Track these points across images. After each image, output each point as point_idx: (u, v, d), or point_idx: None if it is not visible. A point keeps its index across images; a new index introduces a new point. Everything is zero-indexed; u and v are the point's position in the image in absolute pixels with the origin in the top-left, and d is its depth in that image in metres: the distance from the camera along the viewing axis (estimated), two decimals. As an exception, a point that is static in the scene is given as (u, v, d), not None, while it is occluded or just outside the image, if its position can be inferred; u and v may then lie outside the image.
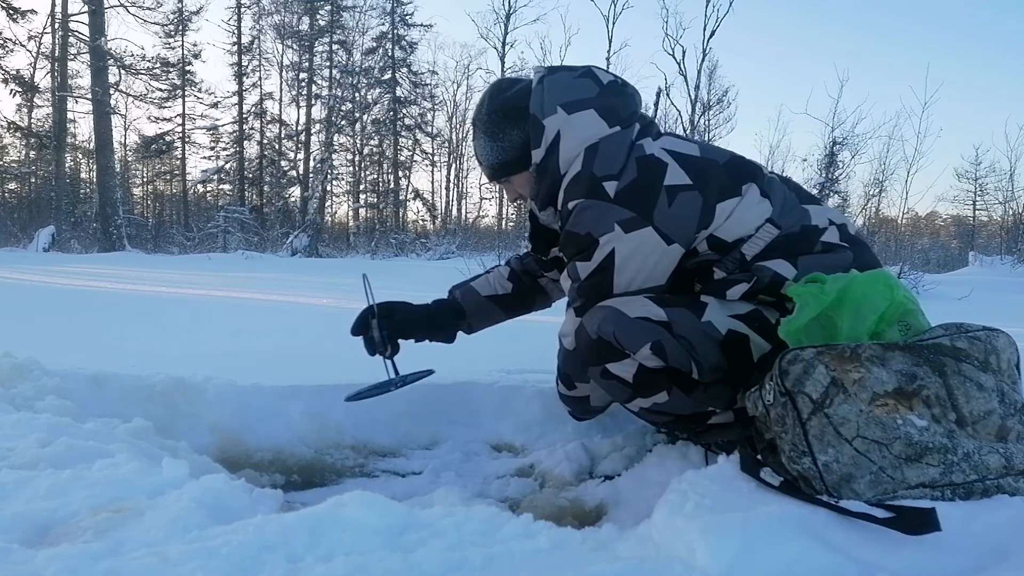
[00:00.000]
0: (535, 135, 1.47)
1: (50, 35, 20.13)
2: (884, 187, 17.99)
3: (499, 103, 1.52)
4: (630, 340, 1.35)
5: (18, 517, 0.99)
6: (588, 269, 1.40)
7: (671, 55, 15.07)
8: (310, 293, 5.95)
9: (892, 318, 1.19)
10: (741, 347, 1.34)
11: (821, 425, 1.07)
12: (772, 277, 1.35)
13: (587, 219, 1.37)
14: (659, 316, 1.34)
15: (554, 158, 1.45)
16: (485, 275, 1.85)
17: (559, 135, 1.44)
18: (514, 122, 1.50)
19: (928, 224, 34.47)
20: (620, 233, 1.35)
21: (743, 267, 1.38)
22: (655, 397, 1.41)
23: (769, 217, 1.38)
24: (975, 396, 1.09)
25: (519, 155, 1.51)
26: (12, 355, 1.80)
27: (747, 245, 1.37)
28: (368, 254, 17.24)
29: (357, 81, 23.74)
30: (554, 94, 1.46)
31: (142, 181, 30.27)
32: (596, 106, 1.45)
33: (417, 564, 0.88)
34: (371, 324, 1.69)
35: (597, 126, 1.43)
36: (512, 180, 1.58)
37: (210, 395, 1.92)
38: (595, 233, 1.37)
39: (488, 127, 1.53)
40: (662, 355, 1.34)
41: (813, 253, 1.38)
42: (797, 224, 1.40)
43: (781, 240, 1.37)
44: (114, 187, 17.73)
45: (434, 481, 1.70)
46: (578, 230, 1.39)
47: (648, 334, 1.34)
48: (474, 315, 1.81)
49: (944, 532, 0.94)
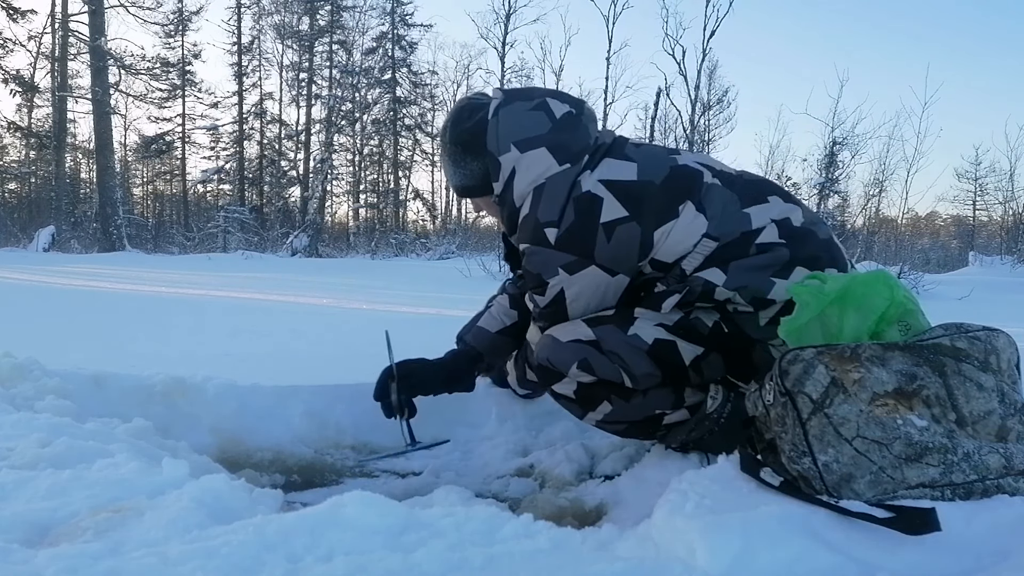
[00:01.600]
0: (493, 170, 1.55)
1: (50, 35, 20.16)
2: (884, 187, 18.00)
3: (458, 135, 1.59)
4: (561, 362, 1.48)
5: (18, 517, 0.99)
6: (543, 302, 1.52)
7: (671, 55, 15.06)
8: (310, 293, 5.95)
9: (892, 318, 1.19)
10: (669, 352, 1.45)
11: (821, 425, 1.06)
12: (703, 286, 1.43)
13: (535, 263, 1.49)
14: (588, 336, 1.46)
15: (510, 192, 1.53)
16: (487, 311, 1.86)
17: (514, 171, 1.52)
18: (473, 154, 1.58)
19: (928, 224, 34.51)
20: (565, 276, 1.47)
21: (682, 280, 1.45)
22: (600, 408, 1.51)
23: (705, 232, 1.43)
24: (975, 396, 1.09)
25: (481, 183, 1.60)
26: (12, 355, 1.80)
27: (686, 261, 1.44)
28: (368, 254, 17.24)
29: (357, 81, 23.73)
30: (507, 130, 1.52)
31: (142, 181, 30.29)
32: (547, 143, 1.50)
33: (417, 564, 0.88)
34: (390, 388, 1.74)
35: (546, 163, 1.50)
36: (478, 200, 1.68)
37: (210, 395, 1.92)
38: (544, 276, 1.48)
39: (452, 154, 1.62)
40: (589, 370, 1.46)
41: (746, 257, 1.42)
42: (736, 231, 1.43)
43: (718, 251, 1.43)
44: (114, 187, 17.73)
45: (434, 481, 1.70)
46: (530, 269, 1.51)
47: (575, 354, 1.46)
48: (490, 353, 1.84)
49: (944, 532, 0.94)
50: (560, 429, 1.96)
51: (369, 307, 4.88)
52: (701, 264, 1.43)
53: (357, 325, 3.85)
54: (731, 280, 1.41)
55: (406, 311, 4.63)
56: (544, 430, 2.00)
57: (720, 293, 1.41)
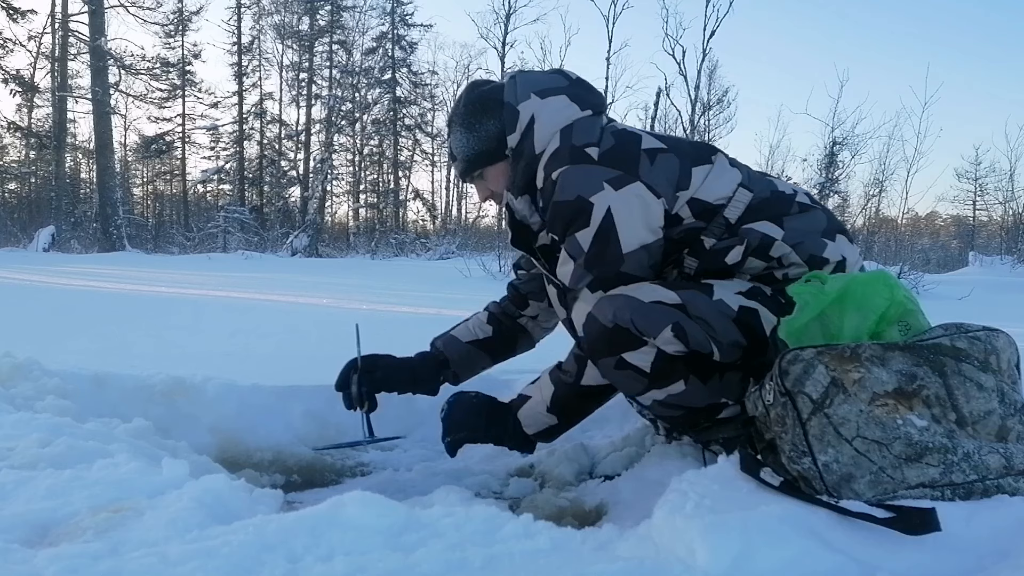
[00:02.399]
0: (510, 121, 1.52)
1: (50, 35, 20.15)
2: (884, 187, 18.02)
3: (475, 96, 1.58)
4: (649, 325, 1.33)
5: (18, 517, 0.99)
6: (589, 236, 1.38)
7: (671, 55, 15.12)
8: (310, 293, 5.95)
9: (892, 318, 1.19)
10: (753, 321, 1.34)
11: (821, 425, 1.06)
12: (761, 239, 1.38)
13: (574, 183, 1.38)
14: (672, 299, 1.33)
15: (529, 139, 1.49)
16: (465, 322, 1.85)
17: (533, 118, 1.49)
18: (489, 113, 1.55)
19: (928, 224, 34.50)
20: (611, 191, 1.36)
21: (730, 232, 1.41)
22: (671, 388, 1.39)
23: (741, 182, 1.43)
24: (975, 396, 1.09)
25: (494, 146, 1.55)
26: (12, 355, 1.80)
27: (728, 209, 1.41)
28: (368, 254, 17.24)
29: (357, 81, 23.74)
30: (526, 84, 1.53)
31: (142, 181, 30.27)
32: (568, 93, 1.51)
33: (417, 564, 0.88)
34: (352, 379, 1.72)
35: (569, 109, 1.49)
36: (486, 173, 1.60)
37: (210, 395, 1.92)
38: (585, 194, 1.37)
39: (464, 119, 1.57)
40: (683, 338, 1.32)
41: (792, 214, 1.42)
42: (767, 190, 1.45)
43: (756, 203, 1.42)
44: (114, 187, 17.74)
45: (433, 481, 1.70)
46: (567, 196, 1.38)
47: (666, 317, 1.32)
48: (458, 363, 1.80)
49: (944, 532, 0.94)
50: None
51: (369, 307, 4.88)
52: (744, 215, 1.40)
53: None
54: (789, 235, 1.38)
55: (406, 311, 4.63)
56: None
57: (778, 248, 1.38)
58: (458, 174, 1.66)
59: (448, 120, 1.64)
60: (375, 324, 3.86)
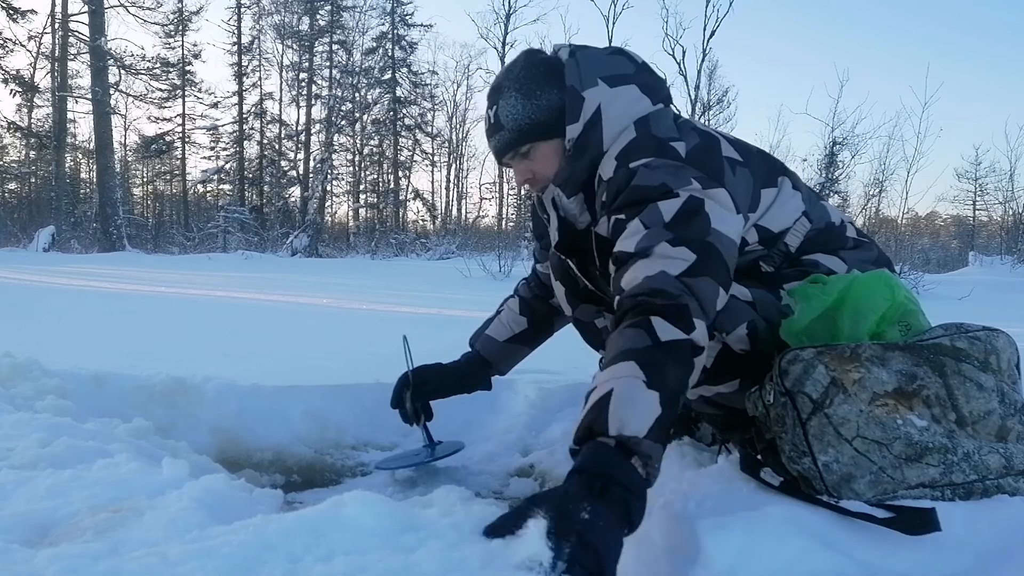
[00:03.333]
0: (572, 108, 1.32)
1: (50, 35, 20.14)
2: (884, 187, 18.00)
3: (538, 60, 1.39)
4: (728, 319, 1.24)
5: (18, 517, 0.99)
6: (675, 207, 1.17)
7: (671, 55, 15.10)
8: (310, 293, 5.95)
9: (893, 318, 1.19)
10: None
11: (821, 425, 1.06)
12: (826, 272, 1.32)
13: (660, 173, 1.21)
14: (745, 295, 1.26)
15: (596, 134, 1.31)
16: (497, 317, 1.82)
17: (600, 109, 1.31)
18: (554, 82, 1.35)
19: (928, 224, 34.50)
20: (698, 188, 1.19)
21: (789, 262, 1.36)
22: (725, 384, 1.31)
23: (804, 210, 1.38)
24: (975, 396, 1.09)
25: (554, 118, 1.34)
26: (12, 355, 1.80)
27: (789, 236, 1.35)
28: (368, 254, 17.24)
29: (357, 81, 23.73)
30: (591, 67, 1.34)
31: (142, 181, 30.30)
32: (637, 82, 1.34)
33: (417, 564, 0.88)
34: (405, 396, 1.74)
35: (641, 102, 1.33)
36: (537, 150, 1.38)
37: (210, 395, 1.92)
38: (672, 185, 1.19)
39: (523, 83, 1.36)
40: (755, 336, 1.26)
41: (848, 249, 1.39)
42: (822, 220, 1.40)
43: (812, 234, 1.37)
44: (114, 187, 17.73)
45: (434, 481, 1.69)
46: (650, 182, 1.20)
47: (743, 313, 1.25)
48: (500, 361, 1.81)
49: (945, 532, 0.94)
50: (560, 429, 1.96)
51: (369, 307, 4.88)
52: (801, 245, 1.35)
53: (357, 325, 3.85)
54: (851, 270, 1.33)
55: (406, 311, 4.63)
56: (544, 430, 2.00)
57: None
58: (498, 148, 1.40)
59: (495, 86, 1.40)
60: (375, 324, 3.87)
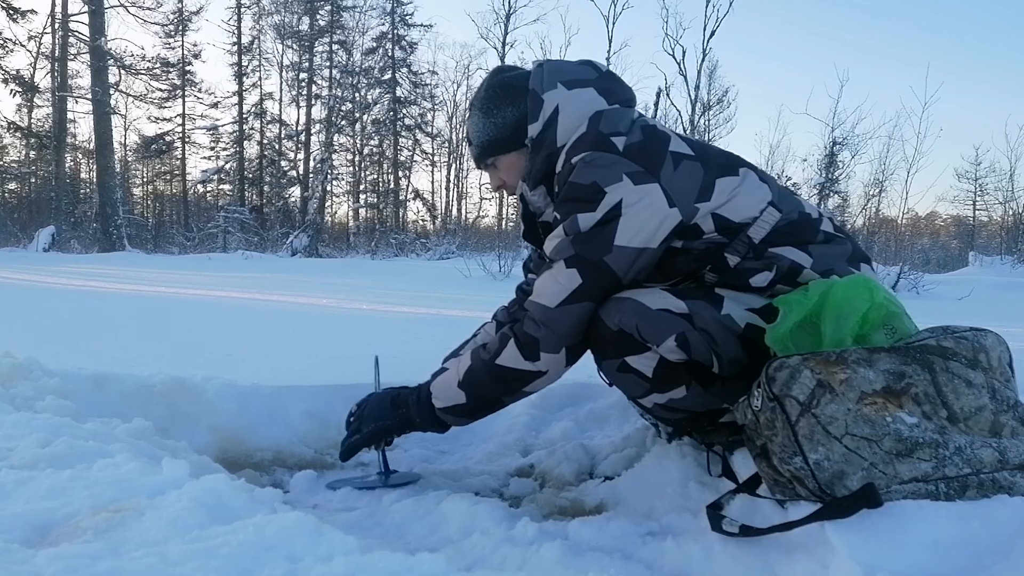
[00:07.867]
0: (533, 109, 1.47)
1: (50, 35, 20.17)
2: (884, 187, 18.03)
3: (497, 81, 1.55)
4: (653, 333, 1.32)
5: (18, 517, 0.99)
6: (591, 221, 1.34)
7: (671, 55, 15.15)
8: (310, 293, 5.95)
9: (875, 321, 1.20)
10: (759, 341, 1.31)
11: (810, 425, 1.07)
12: (790, 265, 1.36)
13: (593, 169, 1.34)
14: (680, 308, 1.32)
15: (552, 131, 1.45)
16: (473, 340, 1.82)
17: (558, 109, 1.45)
18: (510, 99, 1.51)
19: (928, 224, 34.51)
20: (629, 184, 1.32)
21: (755, 253, 1.38)
22: (672, 392, 1.39)
23: (770, 200, 1.39)
24: (964, 393, 1.10)
25: (510, 134, 1.52)
26: (12, 355, 1.80)
27: (753, 228, 1.37)
28: (368, 254, 17.24)
29: (357, 81, 23.75)
30: (554, 73, 1.49)
31: (142, 181, 30.29)
32: (596, 86, 1.47)
33: (417, 564, 0.88)
34: None
35: (597, 102, 1.45)
36: (499, 162, 1.57)
37: (210, 395, 1.92)
38: (602, 183, 1.33)
39: (484, 103, 1.54)
40: (686, 348, 1.31)
41: (817, 243, 1.40)
42: (795, 211, 1.41)
43: (783, 226, 1.38)
44: (114, 187, 17.73)
45: (433, 481, 1.69)
46: (582, 180, 1.35)
47: (672, 326, 1.31)
48: None
49: (943, 532, 0.94)
50: (560, 429, 1.96)
51: (369, 307, 4.88)
52: (768, 236, 1.37)
53: (357, 325, 3.85)
54: (818, 263, 1.36)
55: (406, 311, 4.63)
56: (544, 430, 2.00)
57: (806, 275, 1.35)
58: (473, 160, 1.62)
59: (469, 104, 1.60)
60: (375, 324, 3.87)
